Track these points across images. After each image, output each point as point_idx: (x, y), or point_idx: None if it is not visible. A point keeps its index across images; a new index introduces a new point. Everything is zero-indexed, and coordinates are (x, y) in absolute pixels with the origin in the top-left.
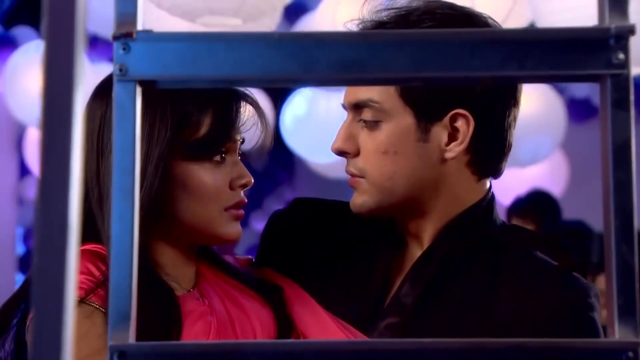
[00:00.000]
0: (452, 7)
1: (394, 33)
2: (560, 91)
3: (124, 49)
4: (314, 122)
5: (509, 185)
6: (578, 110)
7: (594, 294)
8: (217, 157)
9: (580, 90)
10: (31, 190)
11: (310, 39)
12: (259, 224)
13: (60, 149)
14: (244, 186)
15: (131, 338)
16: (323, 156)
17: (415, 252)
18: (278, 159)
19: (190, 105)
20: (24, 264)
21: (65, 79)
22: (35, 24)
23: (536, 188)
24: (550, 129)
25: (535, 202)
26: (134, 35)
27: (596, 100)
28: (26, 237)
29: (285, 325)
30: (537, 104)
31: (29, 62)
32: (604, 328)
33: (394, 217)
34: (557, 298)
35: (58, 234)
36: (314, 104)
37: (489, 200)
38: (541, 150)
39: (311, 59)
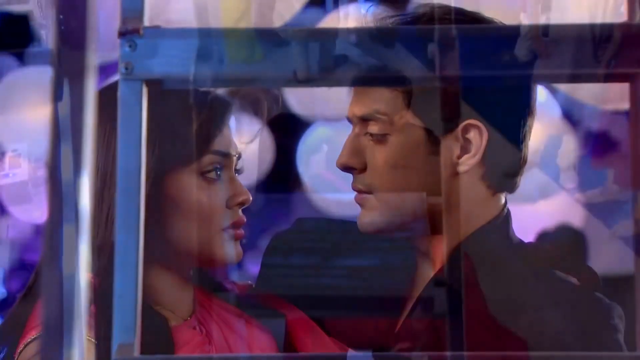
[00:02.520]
0: (461, 12)
1: (415, 29)
2: (576, 124)
3: (130, 46)
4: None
5: (524, 222)
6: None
7: (617, 315)
8: (212, 175)
9: (597, 124)
10: (10, 230)
11: (327, 35)
12: (254, 268)
13: (70, 183)
14: (241, 204)
15: (136, 351)
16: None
17: (427, 272)
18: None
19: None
20: (2, 306)
21: (75, 108)
22: (15, 52)
23: (563, 223)
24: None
25: (564, 238)
26: (141, 32)
27: (615, 134)
28: (4, 279)
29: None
30: (545, 136)
31: (11, 91)
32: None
33: (403, 236)
34: (578, 319)
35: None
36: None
37: (504, 216)
38: (551, 185)
39: (328, 57)
